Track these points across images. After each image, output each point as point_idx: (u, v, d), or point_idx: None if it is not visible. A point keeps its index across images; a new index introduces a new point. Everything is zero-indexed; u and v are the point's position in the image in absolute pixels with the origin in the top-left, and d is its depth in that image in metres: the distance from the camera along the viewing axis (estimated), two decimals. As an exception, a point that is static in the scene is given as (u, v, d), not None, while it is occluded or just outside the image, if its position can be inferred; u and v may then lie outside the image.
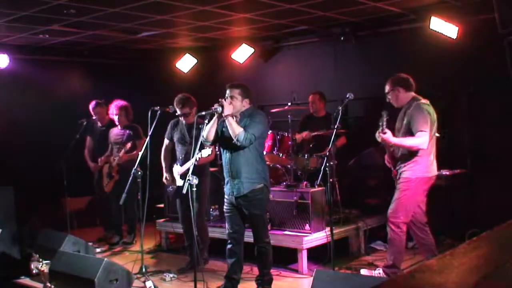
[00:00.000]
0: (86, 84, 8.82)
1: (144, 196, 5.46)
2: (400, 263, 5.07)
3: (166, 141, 6.08)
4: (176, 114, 5.84)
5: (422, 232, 5.12)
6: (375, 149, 6.48)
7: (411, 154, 4.90)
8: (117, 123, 7.06)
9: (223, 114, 4.64)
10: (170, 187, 6.12)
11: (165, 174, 6.05)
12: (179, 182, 5.91)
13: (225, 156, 4.86)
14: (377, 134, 4.83)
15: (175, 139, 5.99)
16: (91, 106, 7.34)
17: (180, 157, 5.93)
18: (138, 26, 7.01)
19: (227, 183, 4.86)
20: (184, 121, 5.91)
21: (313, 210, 5.76)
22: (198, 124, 5.16)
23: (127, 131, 6.98)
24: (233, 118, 4.68)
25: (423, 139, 4.74)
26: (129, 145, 6.76)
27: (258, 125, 4.73)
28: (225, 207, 4.96)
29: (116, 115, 6.98)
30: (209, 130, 4.77)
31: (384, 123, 4.76)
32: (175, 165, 6.03)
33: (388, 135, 4.75)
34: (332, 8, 6.33)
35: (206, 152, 5.12)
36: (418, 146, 4.79)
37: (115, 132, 7.13)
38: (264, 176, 4.86)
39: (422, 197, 5.06)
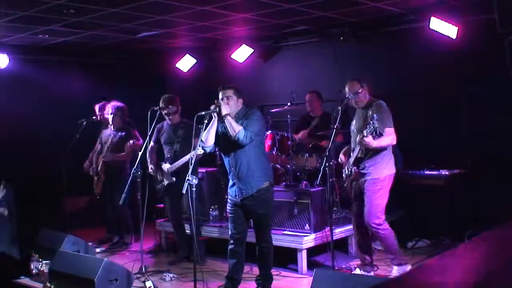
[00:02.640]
0: (86, 84, 8.81)
1: (144, 196, 5.46)
2: (402, 255, 5.26)
3: (151, 144, 6.25)
4: (164, 113, 5.99)
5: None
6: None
7: (377, 153, 5.02)
8: (110, 122, 7.04)
9: (222, 114, 4.64)
10: (160, 184, 6.19)
11: (150, 166, 6.20)
12: (170, 180, 6.07)
13: (228, 159, 4.84)
14: (358, 138, 4.87)
15: (162, 141, 6.20)
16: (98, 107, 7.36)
17: (168, 156, 6.12)
18: (138, 26, 7.01)
19: (233, 185, 4.83)
20: (169, 122, 6.08)
21: (313, 210, 5.76)
22: (197, 124, 5.18)
23: (119, 133, 6.97)
24: (231, 117, 4.69)
25: (393, 135, 5.01)
26: (131, 142, 6.77)
27: (256, 122, 4.74)
28: (228, 207, 4.95)
29: (111, 114, 6.96)
30: (207, 135, 4.75)
31: (370, 129, 4.78)
32: (163, 163, 6.17)
33: (370, 139, 4.79)
34: (332, 8, 6.33)
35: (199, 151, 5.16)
36: (393, 142, 5.05)
37: (108, 133, 7.12)
38: (269, 173, 4.89)
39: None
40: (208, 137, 4.75)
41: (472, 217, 6.29)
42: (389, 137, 4.96)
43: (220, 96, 4.78)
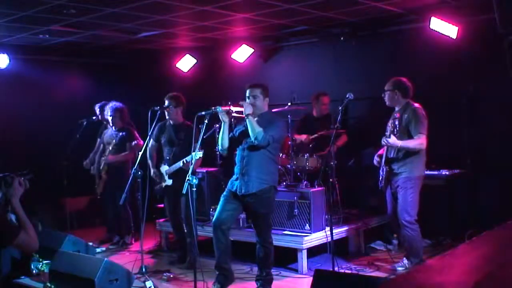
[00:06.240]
0: (86, 84, 8.81)
1: (144, 196, 5.46)
2: (422, 255, 5.36)
3: (152, 142, 6.16)
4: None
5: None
6: (374, 149, 6.49)
7: (409, 155, 5.19)
8: (111, 124, 7.05)
9: (244, 114, 4.69)
10: (158, 185, 6.18)
11: (152, 170, 6.14)
12: (168, 182, 6.06)
13: (240, 153, 4.90)
14: (383, 140, 5.12)
15: (162, 141, 6.12)
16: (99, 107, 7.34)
17: (168, 158, 6.06)
18: (138, 26, 7.01)
19: (236, 179, 4.88)
20: (171, 122, 6.03)
21: (313, 210, 5.76)
22: (198, 124, 5.18)
23: (120, 133, 6.97)
24: (253, 117, 4.72)
25: (423, 140, 5.13)
26: (134, 142, 6.77)
27: (278, 128, 4.81)
28: (224, 193, 4.98)
29: (110, 116, 6.97)
30: (223, 139, 4.84)
31: (391, 128, 5.07)
32: (162, 165, 6.14)
33: (394, 139, 5.04)
34: (332, 8, 6.33)
35: (197, 155, 5.17)
36: (421, 147, 5.16)
37: (109, 133, 7.13)
38: (274, 178, 4.93)
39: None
40: (224, 142, 4.85)
41: (472, 217, 6.29)
42: (417, 141, 5.12)
43: (247, 95, 4.80)
